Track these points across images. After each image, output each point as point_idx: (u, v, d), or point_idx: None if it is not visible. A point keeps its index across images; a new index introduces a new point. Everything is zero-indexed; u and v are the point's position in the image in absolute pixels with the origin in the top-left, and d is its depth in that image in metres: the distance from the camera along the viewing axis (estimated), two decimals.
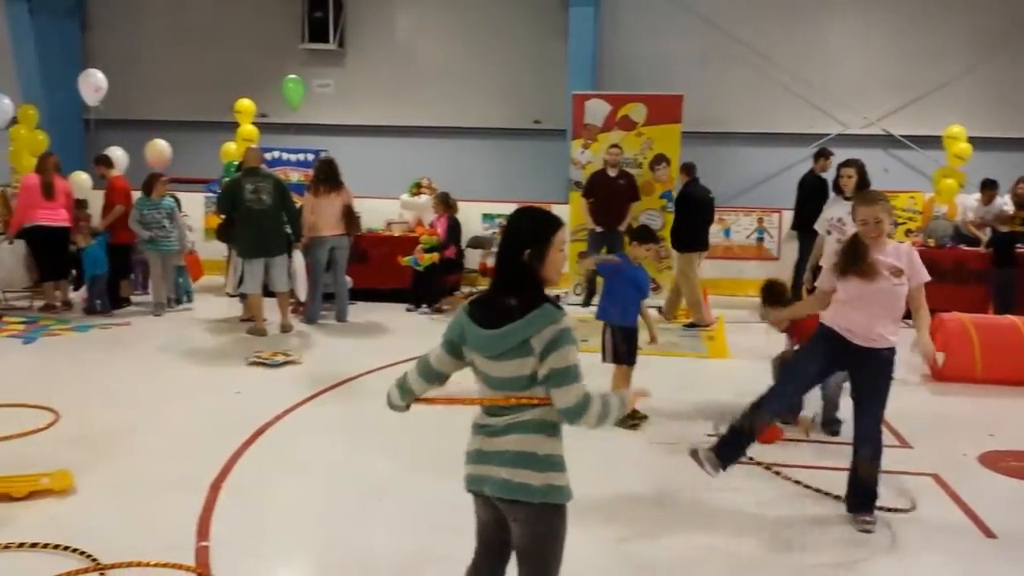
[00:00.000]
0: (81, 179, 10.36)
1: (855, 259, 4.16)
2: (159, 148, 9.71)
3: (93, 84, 10.10)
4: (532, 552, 2.59)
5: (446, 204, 9.89)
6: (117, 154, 9.58)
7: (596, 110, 10.31)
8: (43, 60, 12.36)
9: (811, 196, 8.95)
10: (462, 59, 13.07)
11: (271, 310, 8.52)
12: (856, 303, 4.17)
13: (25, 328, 8.23)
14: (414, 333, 8.57)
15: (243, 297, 8.98)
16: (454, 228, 9.85)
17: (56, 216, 8.94)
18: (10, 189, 9.99)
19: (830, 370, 4.58)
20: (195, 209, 11.78)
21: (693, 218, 9.21)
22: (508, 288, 2.55)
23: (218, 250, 10.45)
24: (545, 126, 12.85)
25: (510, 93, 12.95)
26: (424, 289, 9.76)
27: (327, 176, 8.80)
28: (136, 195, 9.23)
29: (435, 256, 9.62)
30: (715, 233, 11.41)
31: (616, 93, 10.63)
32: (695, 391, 6.64)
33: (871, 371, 4.20)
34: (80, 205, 9.84)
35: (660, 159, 9.99)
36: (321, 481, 4.84)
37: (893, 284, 4.11)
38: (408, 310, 9.76)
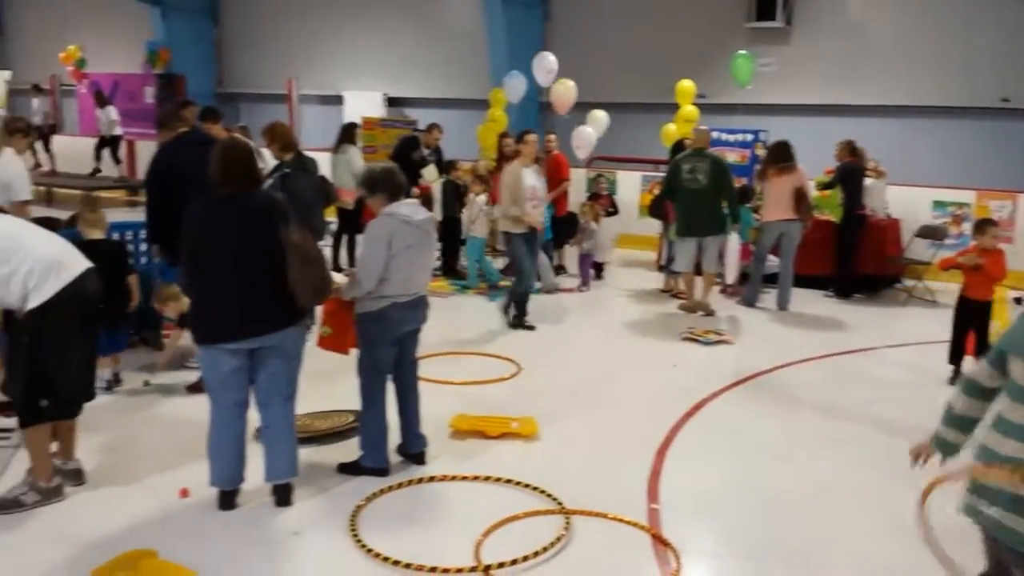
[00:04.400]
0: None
1: None
2: (597, 118, 10.53)
3: (545, 67, 11.01)
4: None
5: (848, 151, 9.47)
6: (586, 132, 10.46)
7: None
8: (511, 47, 13.73)
9: None
10: (919, 31, 11.97)
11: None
12: None
13: (488, 289, 9.26)
14: (861, 325, 8.09)
15: (670, 272, 9.29)
16: (840, 171, 9.35)
17: None
18: (481, 163, 11.24)
19: None
20: (631, 188, 12.36)
21: None
22: None
23: (650, 227, 10.91)
24: (1015, 104, 11.32)
25: (972, 68, 11.58)
26: (845, 265, 9.29)
27: (780, 157, 8.64)
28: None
29: (826, 193, 9.45)
30: None
31: None
32: None
33: None
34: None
35: None
36: (757, 462, 4.84)
37: None
38: (826, 295, 9.34)
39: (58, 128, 17.39)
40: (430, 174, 10.18)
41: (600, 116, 11.07)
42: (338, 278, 4.41)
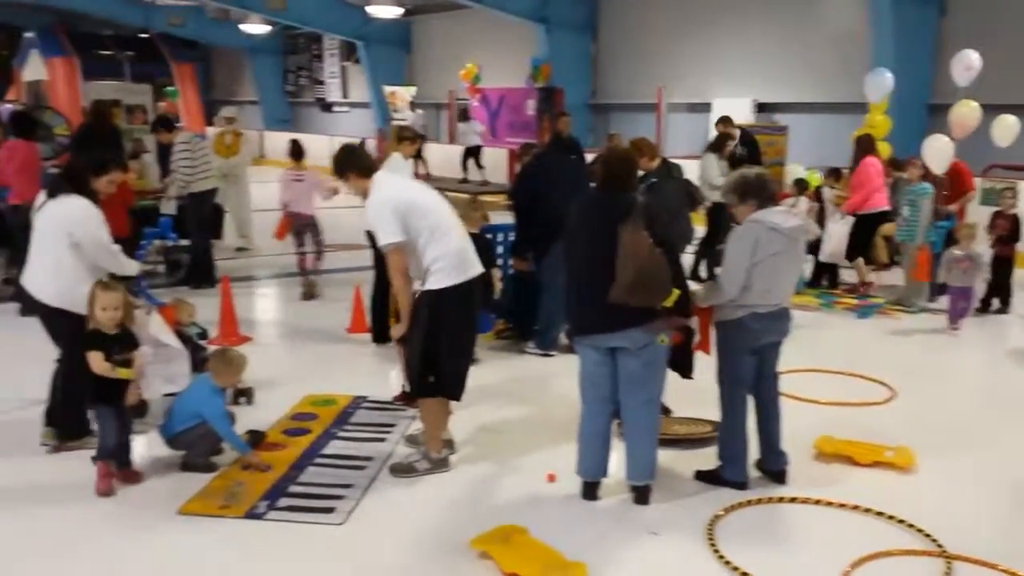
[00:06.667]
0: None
1: None
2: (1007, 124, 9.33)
3: (964, 63, 9.98)
4: None
5: None
6: (941, 142, 9.23)
7: None
8: (898, 46, 12.75)
9: None
10: None
11: None
12: None
13: (858, 304, 8.67)
14: None
15: None
16: None
17: (886, 200, 8.99)
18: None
19: None
20: None
21: None
22: None
23: None
24: None
25: None
26: None
27: None
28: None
29: None
30: None
31: None
32: None
33: None
34: None
35: None
36: None
37: None
38: None
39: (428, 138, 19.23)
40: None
41: (1010, 122, 9.82)
42: (694, 285, 4.40)
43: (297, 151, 8.47)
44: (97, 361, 4.14)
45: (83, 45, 22.98)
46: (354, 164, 4.46)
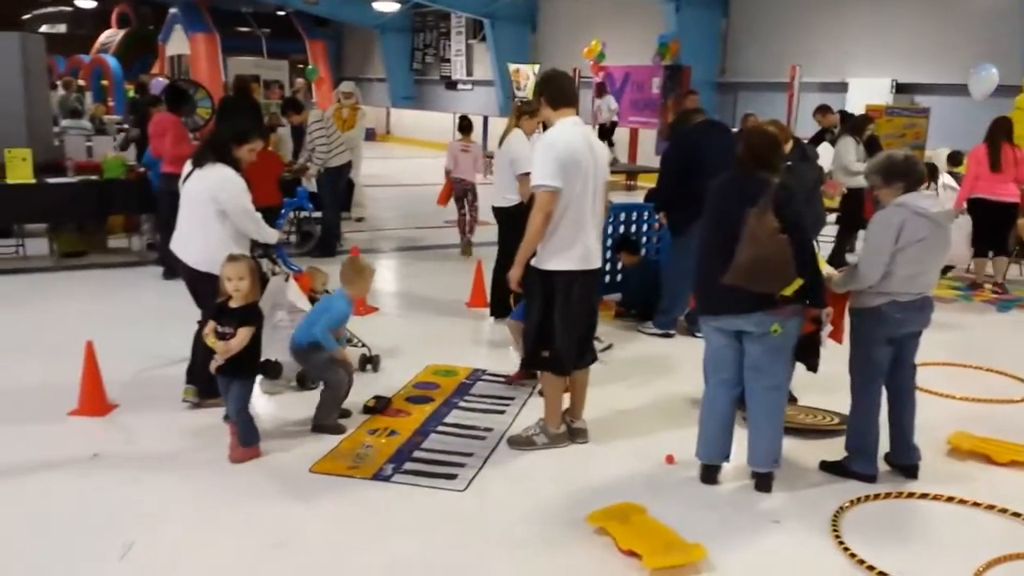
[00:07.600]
0: None
1: None
2: None
3: None
4: None
5: None
6: None
7: None
8: None
9: None
10: None
11: None
12: None
13: (998, 297, 8.23)
14: None
15: None
16: None
17: (1002, 190, 8.35)
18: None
19: None
20: None
21: None
22: None
23: None
24: None
25: None
26: None
27: None
28: None
29: None
30: None
31: None
32: None
33: None
34: None
35: None
36: None
37: None
38: None
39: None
40: None
41: None
42: (827, 270, 4.26)
43: (465, 125, 9.29)
44: (208, 328, 4.31)
45: (223, 22, 23.98)
46: (550, 90, 4.37)
